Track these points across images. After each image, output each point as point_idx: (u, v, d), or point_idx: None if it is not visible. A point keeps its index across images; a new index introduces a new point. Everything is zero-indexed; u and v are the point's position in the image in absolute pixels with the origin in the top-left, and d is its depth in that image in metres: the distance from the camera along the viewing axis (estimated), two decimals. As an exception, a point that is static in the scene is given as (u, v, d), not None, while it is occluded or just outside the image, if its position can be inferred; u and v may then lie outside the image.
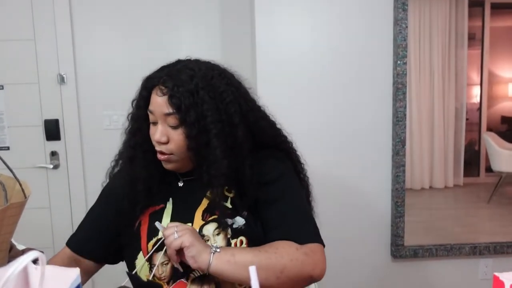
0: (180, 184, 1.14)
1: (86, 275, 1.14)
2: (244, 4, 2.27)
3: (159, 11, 2.34)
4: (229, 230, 1.04)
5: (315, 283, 1.33)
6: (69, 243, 1.17)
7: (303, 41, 2.03)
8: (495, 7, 2.60)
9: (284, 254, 0.98)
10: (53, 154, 2.36)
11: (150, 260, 1.07)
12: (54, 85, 2.31)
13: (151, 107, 1.06)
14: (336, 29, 2.03)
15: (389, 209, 2.13)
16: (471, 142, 2.76)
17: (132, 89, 2.62)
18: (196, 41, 2.38)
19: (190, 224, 1.06)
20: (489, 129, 2.73)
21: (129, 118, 1.14)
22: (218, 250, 0.95)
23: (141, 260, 1.07)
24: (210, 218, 1.07)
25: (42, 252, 0.55)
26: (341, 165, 2.08)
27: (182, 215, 1.08)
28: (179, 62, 1.11)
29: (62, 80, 2.30)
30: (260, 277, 0.94)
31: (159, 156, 1.07)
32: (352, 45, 2.03)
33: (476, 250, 2.19)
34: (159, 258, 1.05)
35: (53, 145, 2.35)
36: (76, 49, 2.32)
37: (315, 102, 2.05)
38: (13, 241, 0.97)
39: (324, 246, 1.07)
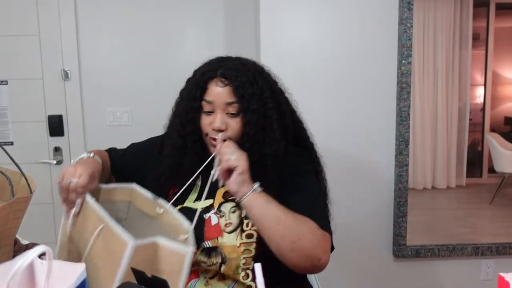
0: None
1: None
2: (249, 2, 2.27)
3: (163, 7, 2.34)
4: (244, 210, 1.09)
5: (318, 283, 1.34)
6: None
7: (307, 39, 2.03)
8: (500, 8, 2.59)
9: (306, 225, 1.03)
10: (57, 149, 2.36)
11: None
12: (58, 81, 2.32)
13: (210, 98, 1.13)
14: (341, 27, 2.02)
15: (391, 209, 2.13)
16: (474, 143, 2.75)
17: (136, 86, 2.64)
18: (199, 39, 2.38)
19: (211, 200, 1.15)
20: (492, 129, 2.72)
21: (180, 109, 1.21)
22: (258, 190, 1.03)
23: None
24: (230, 198, 1.14)
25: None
26: (344, 164, 2.08)
27: (207, 194, 1.13)
28: (224, 58, 1.20)
29: (66, 76, 2.31)
30: (278, 233, 1.00)
31: (214, 143, 1.13)
32: (357, 44, 2.03)
33: (479, 251, 2.19)
34: None
35: (57, 141, 2.36)
36: (80, 45, 2.32)
37: (319, 101, 2.05)
38: (16, 235, 0.97)
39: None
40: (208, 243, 1.12)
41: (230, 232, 1.12)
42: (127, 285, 0.70)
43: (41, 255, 0.53)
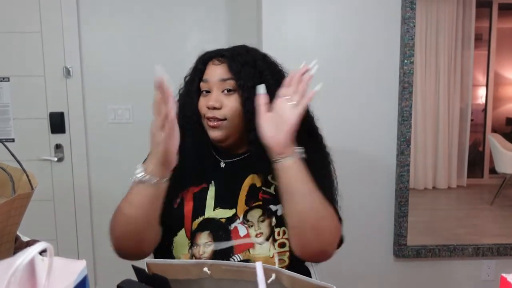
0: (222, 165, 1.16)
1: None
2: (251, 0, 2.27)
3: (165, 4, 2.34)
4: (274, 218, 1.07)
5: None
6: None
7: (309, 39, 2.02)
8: (502, 8, 2.58)
9: (329, 208, 1.01)
10: (58, 147, 2.36)
11: (192, 239, 1.08)
12: (60, 78, 2.31)
13: (206, 76, 1.12)
14: (344, 26, 2.02)
15: (392, 209, 2.12)
16: (476, 143, 2.75)
17: (138, 83, 2.63)
18: (201, 36, 2.38)
19: (234, 210, 1.09)
20: (494, 130, 2.72)
21: (179, 92, 1.19)
22: (301, 156, 0.98)
23: (181, 238, 1.09)
24: (254, 204, 1.09)
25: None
26: (345, 163, 2.07)
27: (225, 200, 1.10)
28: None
29: (67, 73, 2.31)
30: (308, 205, 0.96)
31: (210, 123, 1.10)
32: (359, 43, 2.02)
33: (479, 251, 2.19)
34: (202, 238, 1.07)
35: (58, 138, 2.36)
36: (82, 42, 2.32)
37: (321, 100, 2.03)
38: (17, 232, 0.97)
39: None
40: (238, 256, 1.06)
41: (261, 243, 1.07)
42: (128, 282, 0.69)
43: (42, 252, 0.53)
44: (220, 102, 1.09)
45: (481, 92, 2.68)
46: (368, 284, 2.19)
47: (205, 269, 0.78)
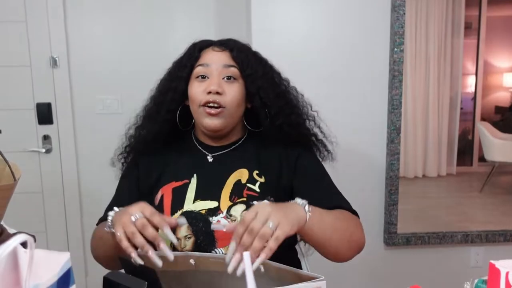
0: (210, 160, 1.14)
1: None
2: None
3: (154, -6, 2.30)
4: None
5: (308, 268, 1.34)
6: None
7: (299, 28, 2.01)
8: (492, -3, 2.58)
9: (347, 218, 1.05)
10: (46, 138, 2.33)
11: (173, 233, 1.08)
12: (47, 68, 2.28)
13: (205, 61, 1.07)
14: (333, 15, 2.00)
15: (382, 197, 2.13)
16: (465, 131, 2.76)
17: (126, 73, 2.60)
18: (190, 27, 2.35)
19: (216, 203, 1.07)
20: (483, 118, 2.73)
21: (164, 78, 1.15)
22: (310, 212, 0.91)
23: (162, 233, 1.06)
24: (239, 200, 1.07)
25: (33, 235, 0.54)
26: (335, 151, 2.07)
27: (207, 193, 1.08)
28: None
29: (54, 63, 2.27)
30: (338, 239, 0.99)
31: (210, 111, 1.06)
32: (349, 32, 2.01)
33: (468, 238, 2.21)
34: (182, 231, 1.06)
35: (46, 129, 2.33)
36: (69, 32, 2.28)
37: (311, 89, 2.03)
38: (4, 224, 0.96)
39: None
40: (221, 250, 1.05)
41: None
42: (114, 274, 0.69)
43: (27, 244, 0.52)
44: (222, 88, 1.05)
45: (471, 80, 2.68)
46: (358, 272, 2.20)
47: (191, 261, 0.78)
